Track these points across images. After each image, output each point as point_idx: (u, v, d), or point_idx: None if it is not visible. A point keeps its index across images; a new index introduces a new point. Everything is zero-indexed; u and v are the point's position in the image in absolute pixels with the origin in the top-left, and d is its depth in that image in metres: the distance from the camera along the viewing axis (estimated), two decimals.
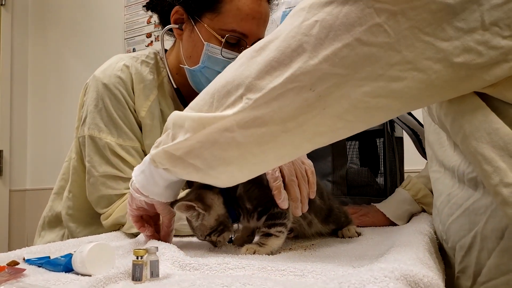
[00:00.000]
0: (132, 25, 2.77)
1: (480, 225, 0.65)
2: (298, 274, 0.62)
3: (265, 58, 0.61)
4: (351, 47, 0.56)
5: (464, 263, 0.71)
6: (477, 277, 0.69)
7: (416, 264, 0.57)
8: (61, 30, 3.09)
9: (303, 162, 0.89)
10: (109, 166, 1.11)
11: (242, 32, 1.09)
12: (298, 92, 0.59)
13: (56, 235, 1.30)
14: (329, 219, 0.98)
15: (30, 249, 0.87)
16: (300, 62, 0.58)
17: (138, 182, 0.82)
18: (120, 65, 1.16)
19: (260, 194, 0.82)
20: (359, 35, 0.55)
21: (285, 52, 0.59)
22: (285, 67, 0.59)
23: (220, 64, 1.11)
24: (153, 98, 1.17)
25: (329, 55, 0.56)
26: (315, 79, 0.58)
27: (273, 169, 0.82)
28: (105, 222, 1.13)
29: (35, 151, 3.15)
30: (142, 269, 0.59)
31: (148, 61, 1.21)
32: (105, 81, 1.14)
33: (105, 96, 1.13)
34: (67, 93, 3.02)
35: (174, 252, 0.73)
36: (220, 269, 0.66)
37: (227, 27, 1.08)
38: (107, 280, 0.59)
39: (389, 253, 0.67)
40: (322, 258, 0.76)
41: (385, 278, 0.47)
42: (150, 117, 1.16)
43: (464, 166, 0.69)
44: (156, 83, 1.20)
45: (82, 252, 0.64)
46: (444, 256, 0.83)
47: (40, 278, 0.62)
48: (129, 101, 1.15)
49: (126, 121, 1.14)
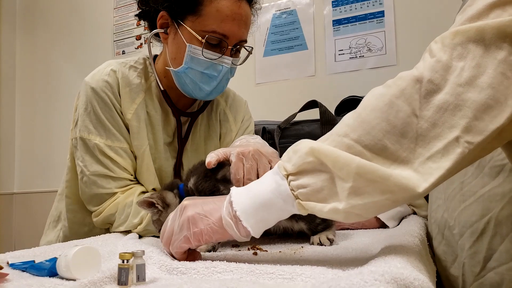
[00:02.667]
0: (122, 27, 2.75)
1: (495, 211, 0.66)
2: (287, 277, 0.61)
3: (478, 97, 0.55)
4: None
5: (473, 249, 0.72)
6: (487, 262, 0.70)
7: (407, 267, 0.56)
8: (49, 32, 3.06)
9: (270, 161, 0.91)
10: (100, 166, 1.16)
11: (222, 33, 1.11)
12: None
13: (55, 234, 1.35)
14: (297, 214, 0.97)
15: (15, 253, 0.85)
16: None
17: (245, 211, 0.67)
18: (108, 70, 1.20)
19: (208, 186, 0.90)
20: None
21: (499, 89, 0.55)
22: (502, 106, 0.55)
23: (202, 65, 1.14)
24: (139, 101, 1.21)
25: None
26: None
27: (236, 168, 0.86)
28: (96, 220, 1.18)
29: (23, 154, 3.11)
30: (128, 273, 0.58)
31: (136, 66, 1.25)
32: (93, 85, 1.18)
33: (93, 100, 1.18)
34: (55, 95, 2.99)
35: (161, 256, 0.72)
36: (207, 273, 0.65)
37: (208, 28, 1.11)
38: (92, 284, 0.57)
39: (379, 256, 0.66)
40: (311, 261, 0.76)
41: (375, 282, 0.47)
42: (136, 119, 1.20)
43: (492, 153, 0.68)
44: (144, 87, 1.24)
45: (67, 256, 0.63)
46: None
47: (24, 283, 0.61)
48: (116, 104, 1.19)
49: (114, 123, 1.18)
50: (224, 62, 1.14)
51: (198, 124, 1.31)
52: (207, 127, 1.34)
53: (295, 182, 0.63)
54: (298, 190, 0.63)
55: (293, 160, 0.63)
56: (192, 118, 1.29)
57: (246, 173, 0.88)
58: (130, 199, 1.14)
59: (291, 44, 2.16)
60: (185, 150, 1.29)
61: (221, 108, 1.37)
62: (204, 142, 1.32)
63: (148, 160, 1.20)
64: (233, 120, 1.38)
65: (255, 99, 1.55)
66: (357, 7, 2.02)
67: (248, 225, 0.65)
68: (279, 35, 2.20)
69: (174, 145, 1.28)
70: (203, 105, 1.32)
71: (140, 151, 1.20)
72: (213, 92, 1.19)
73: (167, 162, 1.26)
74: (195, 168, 0.97)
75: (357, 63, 2.00)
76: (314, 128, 1.51)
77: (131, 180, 1.20)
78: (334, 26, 2.06)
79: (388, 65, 1.93)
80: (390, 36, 1.94)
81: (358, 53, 2.00)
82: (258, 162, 0.90)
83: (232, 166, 0.89)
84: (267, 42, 2.22)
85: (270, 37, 2.21)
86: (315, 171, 0.61)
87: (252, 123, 1.45)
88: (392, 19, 1.94)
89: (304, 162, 0.62)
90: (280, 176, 0.64)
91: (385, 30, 1.95)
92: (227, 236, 0.68)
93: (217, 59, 1.13)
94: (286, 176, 0.63)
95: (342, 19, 2.05)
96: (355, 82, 1.99)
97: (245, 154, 0.90)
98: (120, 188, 1.16)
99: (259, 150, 0.93)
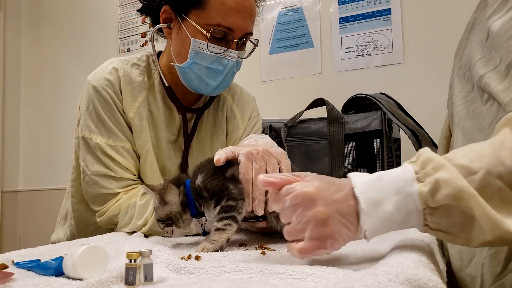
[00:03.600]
0: (127, 24, 2.75)
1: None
2: (297, 277, 0.60)
3: None
4: None
5: (494, 249, 0.71)
6: (508, 263, 0.69)
7: (420, 268, 0.55)
8: (54, 30, 3.05)
9: (279, 162, 0.91)
10: (101, 166, 1.14)
11: (227, 26, 1.09)
12: None
13: (63, 231, 1.36)
14: None
15: (20, 252, 0.84)
16: None
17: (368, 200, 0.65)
18: (109, 68, 1.19)
19: (217, 184, 0.88)
20: None
21: None
22: None
23: (207, 60, 1.12)
24: (141, 100, 1.20)
25: None
26: None
27: (245, 169, 0.87)
28: (100, 220, 1.17)
29: (28, 152, 3.12)
30: (136, 273, 0.57)
31: (139, 64, 1.24)
32: (94, 83, 1.17)
33: (95, 98, 1.17)
34: (60, 93, 2.99)
35: (169, 255, 0.71)
36: (216, 273, 0.63)
37: (212, 21, 1.09)
38: (99, 284, 0.56)
39: (391, 255, 0.65)
40: (320, 260, 0.74)
41: (390, 283, 0.46)
42: (139, 118, 1.18)
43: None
44: (147, 85, 1.22)
45: (74, 255, 0.62)
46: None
47: (30, 282, 0.60)
48: (118, 103, 1.17)
49: (116, 122, 1.17)
50: (230, 56, 1.12)
51: (204, 121, 1.29)
52: (213, 124, 1.31)
53: (431, 217, 0.62)
54: (431, 223, 0.62)
55: (438, 196, 0.60)
56: (198, 114, 1.27)
57: (255, 173, 0.87)
58: (133, 200, 1.11)
59: (297, 42, 2.15)
60: (190, 148, 1.27)
61: (228, 104, 1.35)
62: (211, 139, 1.30)
63: (152, 159, 1.19)
64: (240, 117, 1.36)
65: (261, 97, 1.54)
66: (363, 4, 2.00)
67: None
68: (285, 33, 2.18)
69: (179, 143, 1.26)
70: (208, 101, 1.30)
71: (143, 150, 1.18)
72: (219, 87, 1.18)
73: (171, 161, 1.24)
74: (203, 165, 0.95)
75: (363, 61, 1.98)
76: (321, 126, 1.50)
77: (134, 180, 1.18)
78: (340, 23, 2.05)
79: (395, 63, 1.92)
80: (397, 34, 1.92)
81: (365, 51, 1.98)
82: (267, 163, 0.89)
83: (241, 166, 0.88)
84: (273, 40, 2.21)
85: (276, 35, 2.20)
86: (456, 211, 0.60)
87: (260, 120, 1.42)
88: (399, 16, 1.92)
89: (449, 204, 0.60)
90: (417, 205, 0.62)
91: (392, 28, 1.93)
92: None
93: (223, 53, 1.11)
94: (423, 208, 0.62)
95: (348, 17, 2.03)
96: (362, 80, 1.97)
97: (253, 154, 0.89)
98: (122, 188, 1.15)
99: (268, 150, 0.91)
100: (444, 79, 1.85)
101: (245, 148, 0.90)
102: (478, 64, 0.76)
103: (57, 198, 1.40)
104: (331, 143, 1.45)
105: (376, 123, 1.41)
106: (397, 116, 1.37)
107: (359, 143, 1.52)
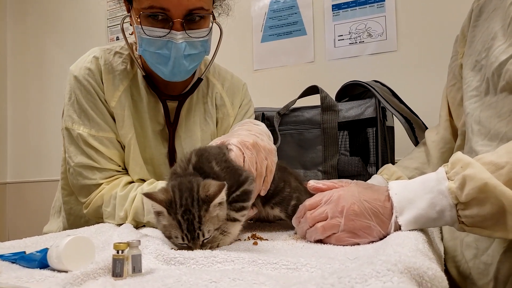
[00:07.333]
0: (115, 12, 2.70)
1: None
2: (291, 267, 0.58)
3: None
4: None
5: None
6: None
7: (418, 256, 0.54)
8: (41, 18, 2.99)
9: (266, 158, 0.89)
10: (84, 157, 1.13)
11: (159, 6, 1.04)
12: None
13: (57, 224, 1.34)
14: (272, 200, 0.94)
15: (4, 244, 0.82)
16: None
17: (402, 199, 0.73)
18: (90, 58, 1.17)
19: (229, 174, 0.81)
20: None
21: None
22: None
23: (153, 45, 1.08)
24: (123, 89, 1.17)
25: None
26: None
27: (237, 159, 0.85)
28: (86, 211, 1.15)
29: (16, 143, 3.07)
30: (123, 264, 0.55)
31: (122, 52, 1.21)
32: (76, 73, 1.16)
33: (76, 88, 1.15)
34: (48, 83, 2.93)
35: (158, 245, 0.69)
36: (207, 263, 0.62)
37: (144, 5, 1.05)
38: (85, 276, 0.54)
39: (387, 244, 0.63)
40: (315, 249, 0.73)
41: (388, 272, 0.44)
42: (121, 107, 1.16)
43: None
44: (130, 74, 1.20)
45: (59, 247, 0.60)
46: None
47: (13, 275, 0.58)
48: (99, 92, 1.15)
49: (98, 111, 1.15)
50: (173, 38, 1.06)
51: (192, 109, 1.25)
52: (202, 112, 1.27)
53: (464, 212, 0.66)
54: (465, 218, 0.66)
55: (466, 190, 0.65)
56: (180, 101, 1.23)
57: (250, 164, 0.85)
58: (115, 190, 1.10)
59: (289, 30, 2.11)
60: (178, 137, 1.22)
61: (217, 91, 1.31)
62: (200, 128, 1.25)
63: (135, 150, 1.16)
64: (231, 105, 1.32)
65: (253, 86, 1.51)
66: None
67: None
68: (277, 20, 2.15)
69: (166, 132, 1.22)
70: (191, 87, 1.25)
71: (126, 140, 1.15)
72: (176, 73, 1.12)
73: (158, 150, 1.21)
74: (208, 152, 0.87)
75: (357, 49, 1.95)
76: (315, 114, 1.47)
77: (118, 171, 1.16)
78: (333, 11, 2.02)
79: (389, 50, 1.89)
80: (390, 21, 1.90)
81: (358, 39, 1.95)
82: (256, 155, 0.87)
83: (233, 157, 0.85)
84: (265, 28, 2.17)
85: (268, 22, 2.16)
86: (486, 203, 0.64)
87: (252, 107, 1.38)
88: (393, 4, 1.89)
89: (478, 196, 0.64)
90: (449, 201, 0.67)
91: (386, 15, 1.90)
92: None
93: (165, 36, 1.06)
94: (455, 205, 0.67)
95: (341, 4, 2.00)
96: (355, 68, 1.95)
97: (245, 146, 0.87)
98: (105, 179, 1.13)
99: (258, 143, 0.89)
100: (437, 67, 1.84)
101: (236, 139, 0.88)
102: (498, 50, 0.78)
103: (46, 190, 1.38)
104: (325, 131, 1.43)
105: (370, 111, 1.39)
106: (392, 104, 1.35)
107: (352, 132, 1.50)
